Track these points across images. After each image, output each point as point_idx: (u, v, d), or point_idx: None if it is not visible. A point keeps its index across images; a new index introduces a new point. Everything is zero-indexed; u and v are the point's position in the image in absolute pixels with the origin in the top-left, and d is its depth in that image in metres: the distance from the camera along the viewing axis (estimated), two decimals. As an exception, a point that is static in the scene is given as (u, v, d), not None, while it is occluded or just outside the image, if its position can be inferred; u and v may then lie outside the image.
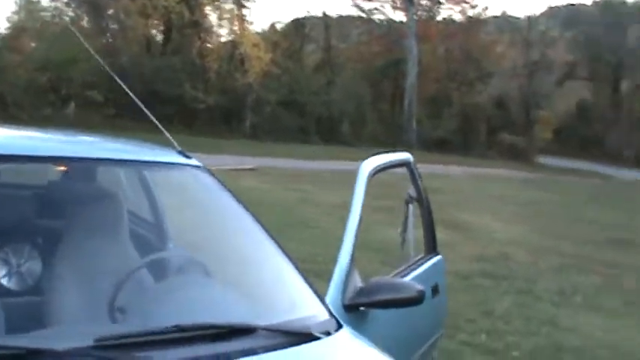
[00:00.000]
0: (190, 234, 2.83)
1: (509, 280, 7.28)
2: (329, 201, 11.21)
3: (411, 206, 3.67)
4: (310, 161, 19.99)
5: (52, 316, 2.34)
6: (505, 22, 41.13)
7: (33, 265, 2.69)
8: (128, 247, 2.74)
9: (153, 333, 1.82)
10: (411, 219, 3.69)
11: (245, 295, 2.43)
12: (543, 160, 33.72)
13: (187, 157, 3.05)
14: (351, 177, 3.06)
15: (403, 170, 3.56)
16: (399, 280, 3.01)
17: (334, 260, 2.64)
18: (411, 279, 3.28)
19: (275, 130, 23.75)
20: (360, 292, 2.74)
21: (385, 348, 2.30)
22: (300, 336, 2.11)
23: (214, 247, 2.70)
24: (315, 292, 2.54)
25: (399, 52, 31.01)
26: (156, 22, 25.54)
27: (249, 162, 16.10)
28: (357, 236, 2.90)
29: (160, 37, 26.26)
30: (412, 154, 3.21)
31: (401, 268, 3.41)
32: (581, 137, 38.12)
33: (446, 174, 21.01)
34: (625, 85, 37.33)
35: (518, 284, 7.16)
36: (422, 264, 3.59)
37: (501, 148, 33.68)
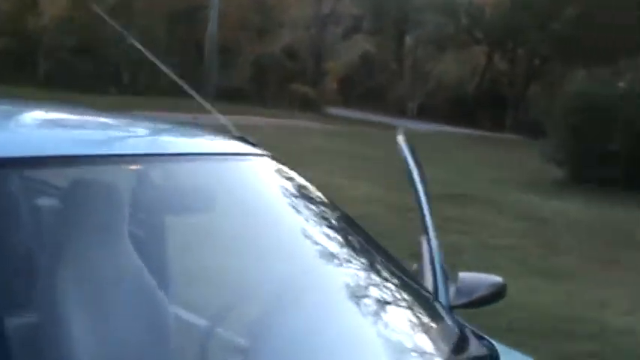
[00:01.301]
0: (275, 247, 2.36)
1: (393, 243, 7.23)
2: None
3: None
4: (110, 113, 18.91)
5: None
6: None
7: None
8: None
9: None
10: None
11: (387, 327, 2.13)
12: (332, 110, 34.43)
13: (252, 144, 2.64)
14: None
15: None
16: (481, 275, 2.89)
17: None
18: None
19: (70, 77, 22.27)
20: (459, 292, 2.62)
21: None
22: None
23: (313, 265, 2.28)
24: (445, 306, 2.35)
25: (196, -1, 30.17)
26: None
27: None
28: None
29: None
30: (212, 104, 2.96)
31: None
32: (364, 89, 39.34)
33: (251, 125, 20.77)
34: (409, 40, 38.85)
35: (404, 246, 7.13)
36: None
37: (293, 98, 33.98)
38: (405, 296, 2.37)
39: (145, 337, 1.83)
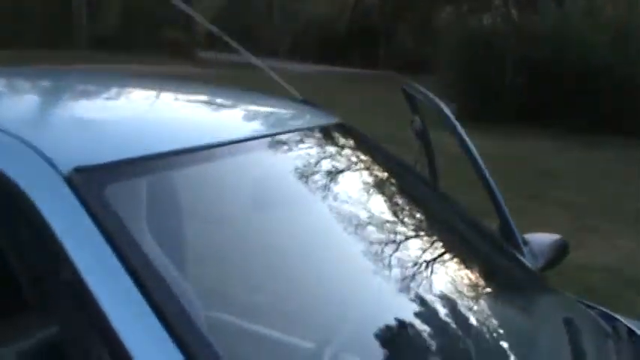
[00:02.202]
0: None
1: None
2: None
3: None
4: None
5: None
6: None
7: None
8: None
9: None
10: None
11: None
12: (203, 54, 33.74)
13: (318, 107, 2.57)
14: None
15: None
16: (542, 234, 2.85)
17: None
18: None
19: None
20: (535, 255, 2.63)
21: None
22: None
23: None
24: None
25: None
26: None
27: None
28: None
29: None
30: (84, 54, 2.73)
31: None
32: (233, 32, 38.78)
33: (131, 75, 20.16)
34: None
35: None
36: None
37: (164, 43, 33.19)
38: (515, 271, 2.41)
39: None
